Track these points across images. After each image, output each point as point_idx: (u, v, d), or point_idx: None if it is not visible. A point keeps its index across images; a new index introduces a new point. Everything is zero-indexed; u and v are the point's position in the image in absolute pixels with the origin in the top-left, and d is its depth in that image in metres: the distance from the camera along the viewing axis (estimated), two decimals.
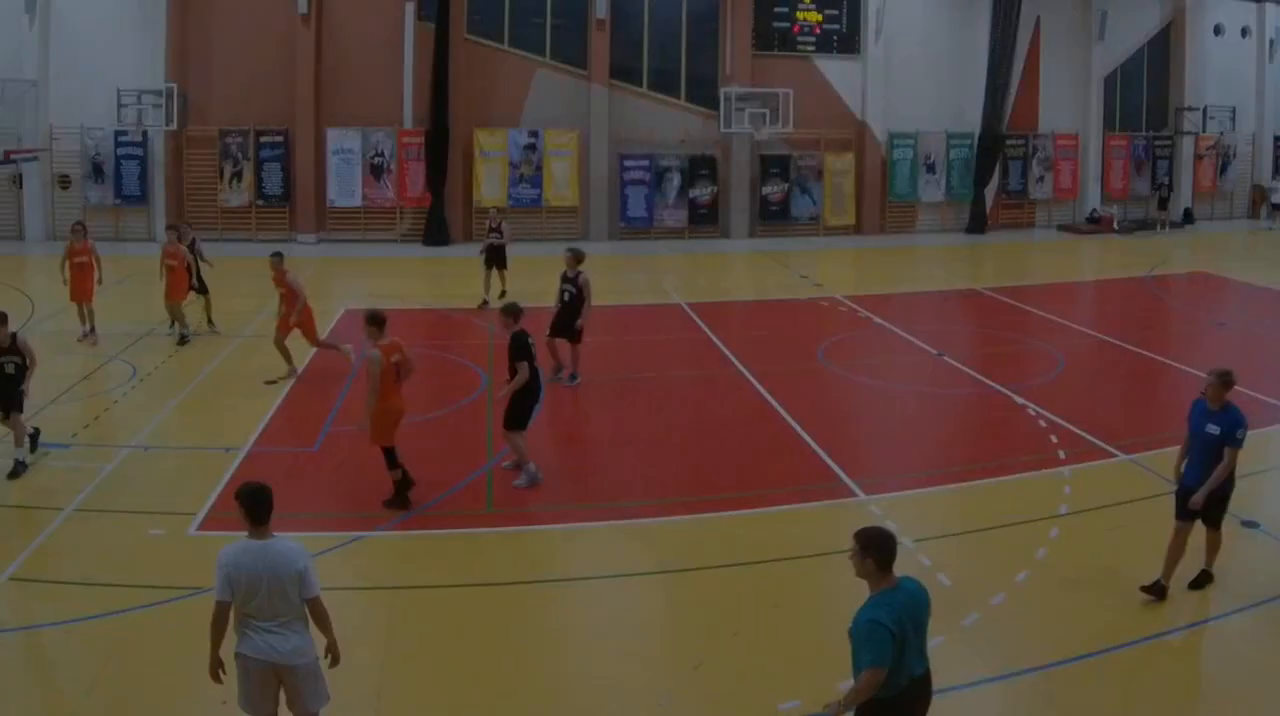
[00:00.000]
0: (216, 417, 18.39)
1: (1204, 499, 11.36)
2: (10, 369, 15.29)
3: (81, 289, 22.83)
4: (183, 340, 22.84)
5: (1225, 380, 11.56)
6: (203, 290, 24.15)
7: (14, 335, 15.47)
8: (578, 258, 20.35)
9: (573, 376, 20.15)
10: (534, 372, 14.97)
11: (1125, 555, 12.53)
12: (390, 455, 14.12)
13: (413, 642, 10.81)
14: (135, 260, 26.91)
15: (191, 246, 23.84)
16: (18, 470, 15.05)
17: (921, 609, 7.46)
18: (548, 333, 19.87)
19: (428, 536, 13.48)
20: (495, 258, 27.46)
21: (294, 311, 20.34)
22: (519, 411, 14.96)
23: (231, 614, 8.02)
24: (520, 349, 14.77)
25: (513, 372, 14.75)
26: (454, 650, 10.69)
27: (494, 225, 27.57)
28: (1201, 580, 11.87)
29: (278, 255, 21.11)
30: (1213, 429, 11.44)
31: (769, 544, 13.22)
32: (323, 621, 8.22)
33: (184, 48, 37.42)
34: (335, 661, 8.38)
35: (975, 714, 9.79)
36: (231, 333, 23.85)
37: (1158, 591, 11.57)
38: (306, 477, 15.42)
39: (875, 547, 7.33)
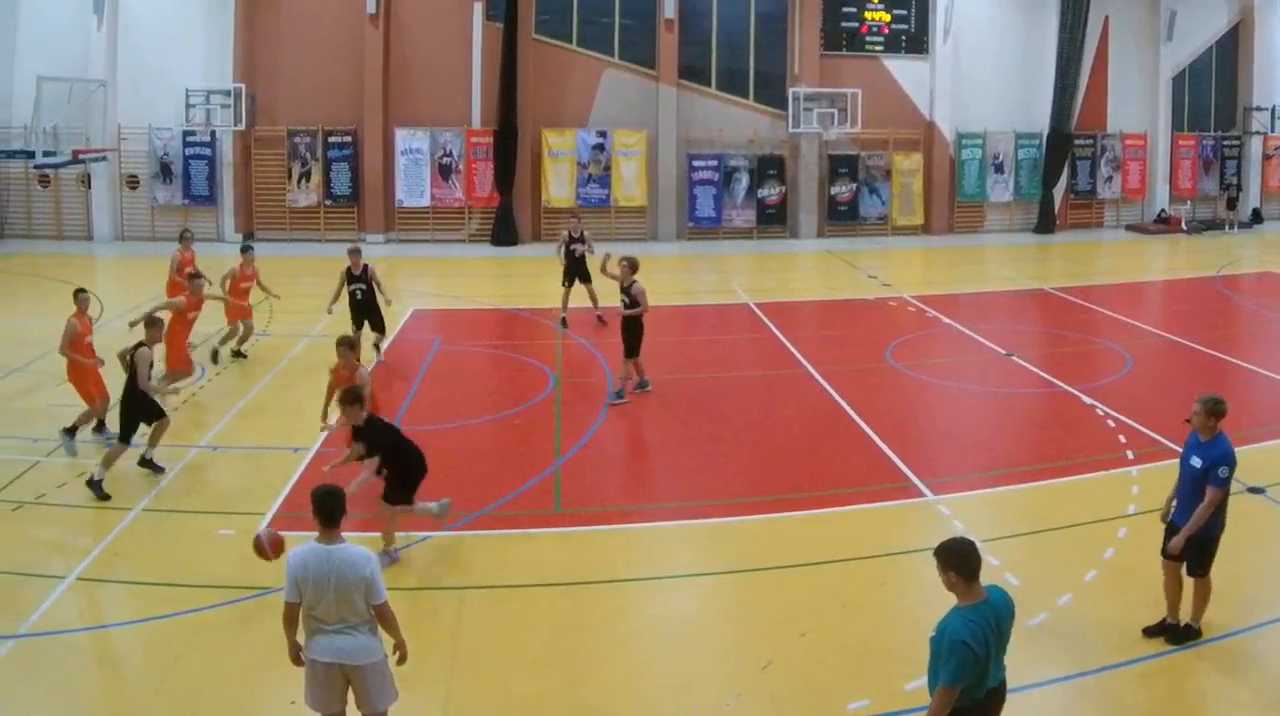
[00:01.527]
0: (284, 418, 17.24)
1: (1182, 544, 9.88)
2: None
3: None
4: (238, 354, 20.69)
5: (1211, 408, 9.94)
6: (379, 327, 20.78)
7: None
8: (633, 267, 18.19)
9: (618, 393, 18.24)
10: (407, 444, 12.11)
11: None
12: None
13: (480, 641, 10.36)
14: (202, 260, 24.91)
15: (363, 274, 20.09)
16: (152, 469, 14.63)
17: (1006, 621, 7.02)
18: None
19: (496, 536, 12.87)
20: (577, 270, 23.89)
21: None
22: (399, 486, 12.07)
23: (300, 614, 7.77)
24: (375, 439, 11.85)
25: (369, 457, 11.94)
26: (521, 649, 10.20)
27: (576, 234, 23.95)
28: (1185, 635, 10.12)
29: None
30: (1195, 462, 9.92)
31: (837, 544, 12.66)
32: (390, 624, 7.87)
33: (252, 48, 35.80)
34: (403, 659, 8.00)
35: (1043, 714, 9.14)
36: (298, 333, 22.32)
37: (1168, 630, 10.17)
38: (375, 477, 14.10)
39: (955, 562, 6.86)
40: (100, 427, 15.73)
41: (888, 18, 38.97)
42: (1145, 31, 41.27)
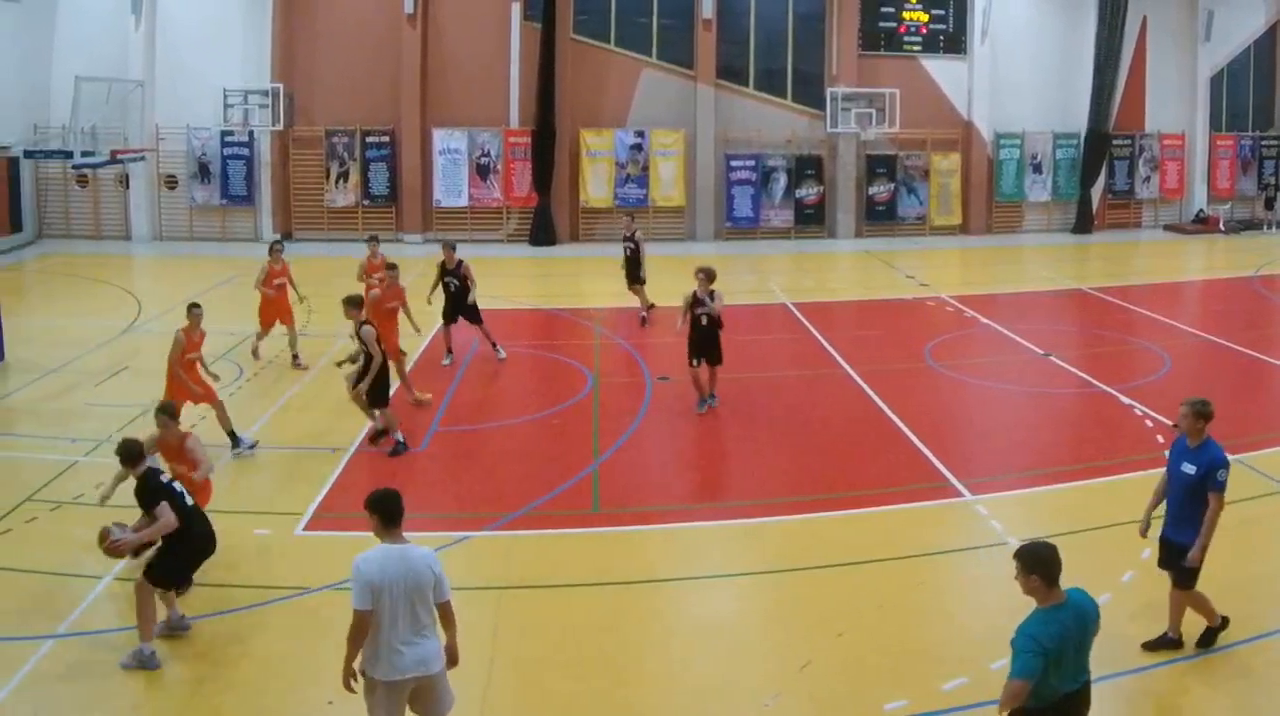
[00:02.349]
0: (322, 418, 16.83)
1: (1201, 556, 9.39)
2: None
3: (284, 310, 19.82)
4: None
5: (1199, 410, 9.48)
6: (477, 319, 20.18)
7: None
8: (711, 277, 17.02)
9: (711, 396, 17.37)
10: (188, 514, 9.75)
11: (1230, 555, 10.92)
12: None
13: (519, 642, 10.05)
14: (241, 261, 25.81)
15: (457, 269, 19.54)
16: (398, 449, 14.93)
17: (1089, 623, 6.82)
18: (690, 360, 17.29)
19: (534, 536, 12.49)
20: (630, 271, 23.18)
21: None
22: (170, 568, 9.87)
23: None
24: (154, 490, 9.56)
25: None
26: (560, 649, 9.94)
27: (628, 233, 23.08)
28: (1161, 643, 9.70)
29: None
30: (1188, 468, 9.45)
31: (875, 544, 12.33)
32: (451, 623, 7.62)
33: (289, 48, 34.80)
34: (454, 663, 7.72)
35: None
36: (336, 332, 20.99)
37: (1169, 645, 9.70)
38: (413, 477, 14.24)
39: (1038, 565, 6.72)
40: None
41: (926, 18, 37.63)
42: (1183, 31, 39.67)
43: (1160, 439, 15.31)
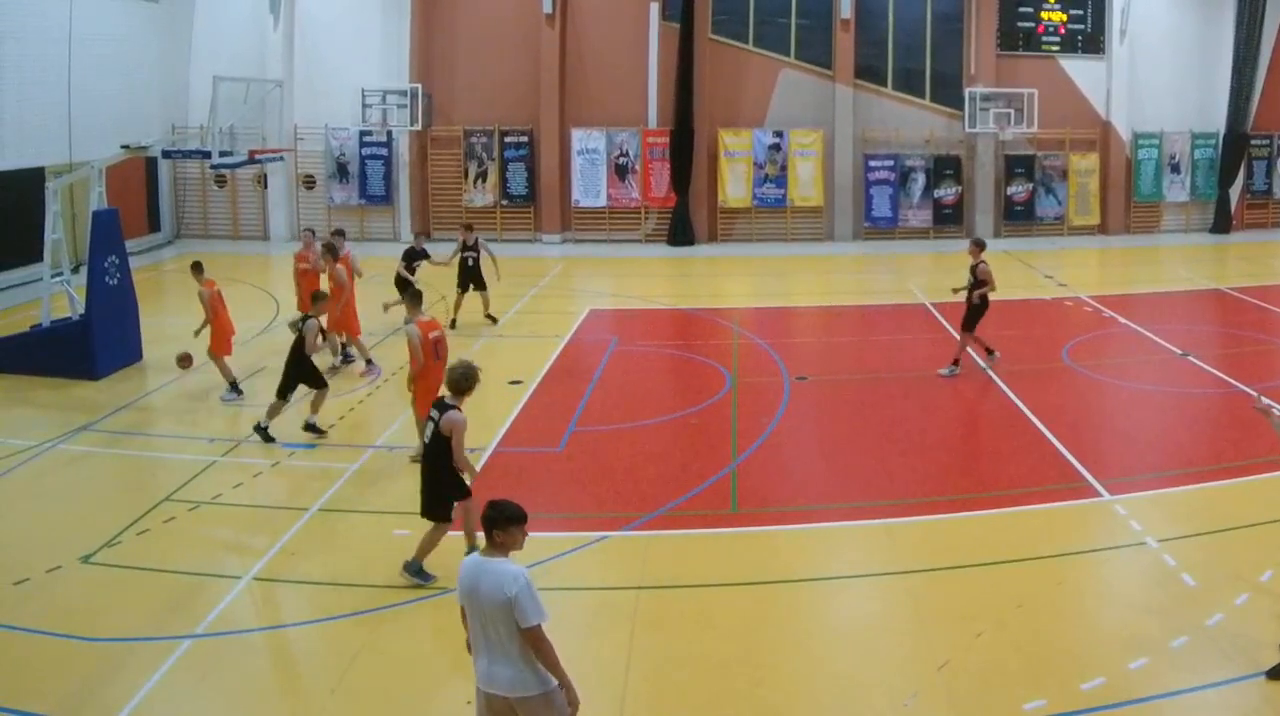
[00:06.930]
0: None
1: None
2: None
3: None
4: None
5: None
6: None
7: None
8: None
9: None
10: None
11: None
12: None
13: (657, 642, 8.89)
14: (379, 261, 23.18)
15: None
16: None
17: None
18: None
19: (672, 536, 11.20)
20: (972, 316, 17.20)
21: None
22: None
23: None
24: None
25: None
26: (698, 649, 8.76)
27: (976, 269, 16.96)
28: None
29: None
30: None
31: (1013, 543, 10.89)
32: (542, 655, 6.15)
33: (428, 48, 30.57)
34: (572, 702, 6.33)
35: (1219, 714, 7.82)
36: (477, 333, 19.96)
37: None
38: (551, 477, 13.06)
39: None
40: None
41: (1064, 17, 32.00)
42: None
43: None
